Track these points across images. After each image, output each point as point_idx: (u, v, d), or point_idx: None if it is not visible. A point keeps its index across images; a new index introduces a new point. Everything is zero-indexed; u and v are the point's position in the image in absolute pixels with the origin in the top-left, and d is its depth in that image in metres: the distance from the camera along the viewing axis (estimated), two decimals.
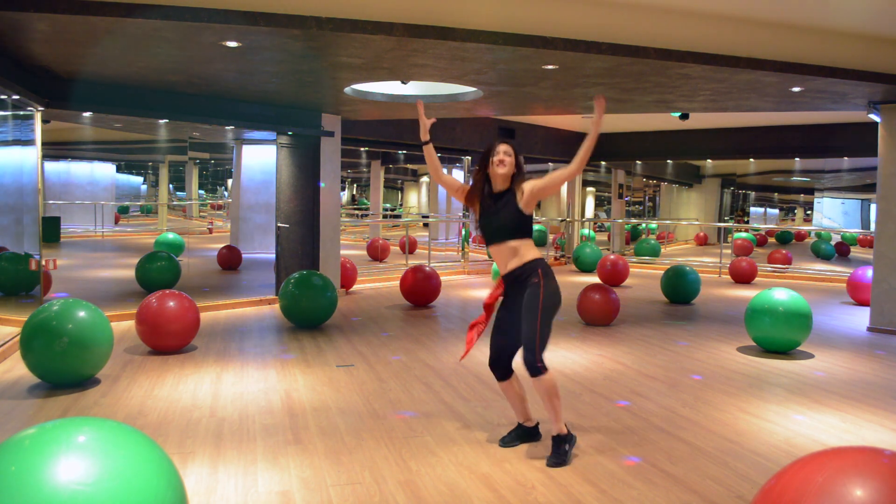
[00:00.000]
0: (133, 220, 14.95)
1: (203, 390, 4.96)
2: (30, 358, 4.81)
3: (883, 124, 7.62)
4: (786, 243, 21.69)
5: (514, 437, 3.98)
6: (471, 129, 12.48)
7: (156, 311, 5.87)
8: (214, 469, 3.55)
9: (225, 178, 17.24)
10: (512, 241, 3.76)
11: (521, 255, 3.76)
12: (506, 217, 3.76)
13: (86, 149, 11.82)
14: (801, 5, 5.48)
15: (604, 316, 7.63)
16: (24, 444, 1.89)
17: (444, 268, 12.45)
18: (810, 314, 6.27)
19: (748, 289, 11.15)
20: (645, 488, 3.39)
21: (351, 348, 6.38)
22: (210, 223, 16.33)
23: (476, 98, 7.82)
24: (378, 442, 3.97)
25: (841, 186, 19.48)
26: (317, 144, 9.20)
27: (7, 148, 7.46)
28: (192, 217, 15.73)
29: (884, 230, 7.64)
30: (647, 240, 16.39)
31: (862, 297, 9.39)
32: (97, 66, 6.35)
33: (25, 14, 4.51)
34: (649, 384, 5.32)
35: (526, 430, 4.00)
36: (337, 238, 9.66)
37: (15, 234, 7.67)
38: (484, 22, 5.16)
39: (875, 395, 5.12)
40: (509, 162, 3.77)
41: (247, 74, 6.65)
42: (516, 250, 3.76)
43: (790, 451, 3.93)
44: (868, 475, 1.74)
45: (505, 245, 3.77)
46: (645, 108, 8.65)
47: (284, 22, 4.80)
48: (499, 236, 3.78)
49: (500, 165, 3.76)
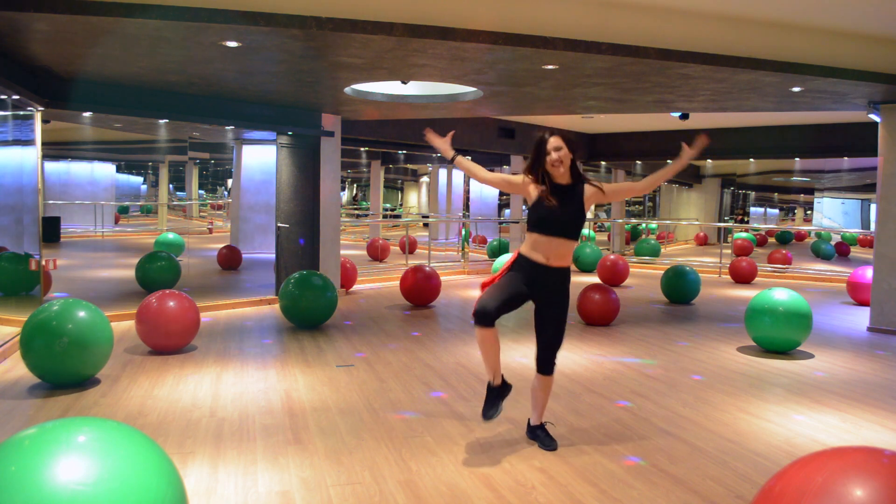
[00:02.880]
0: (133, 220, 14.95)
1: (203, 390, 4.96)
2: (30, 358, 4.81)
3: (883, 124, 7.62)
4: (786, 243, 21.68)
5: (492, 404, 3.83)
6: (471, 129, 12.47)
7: (156, 311, 5.87)
8: (214, 469, 3.55)
9: (225, 178, 17.24)
10: (571, 240, 3.74)
11: (567, 257, 3.78)
12: (572, 214, 3.71)
13: (86, 149, 11.82)
14: (801, 5, 5.47)
15: (604, 316, 7.63)
16: (24, 444, 1.89)
17: (444, 268, 12.45)
18: (810, 314, 6.27)
19: (748, 289, 11.15)
20: (645, 488, 3.39)
21: (351, 348, 6.38)
22: (210, 223, 16.33)
23: (476, 98, 7.82)
24: (378, 442, 3.97)
25: (841, 186, 19.47)
26: (317, 144, 9.20)
27: (7, 148, 7.45)
28: (192, 217, 15.74)
29: (884, 230, 7.64)
30: (647, 240, 16.39)
31: (862, 297, 9.38)
32: (97, 66, 6.35)
33: (25, 14, 4.50)
34: (649, 384, 5.32)
35: (499, 390, 3.85)
36: (337, 238, 9.66)
37: (15, 234, 7.66)
38: (484, 22, 5.16)
39: (875, 395, 5.12)
40: (564, 156, 3.69)
41: (247, 74, 6.65)
42: (568, 250, 3.76)
43: (790, 451, 3.93)
44: (868, 475, 1.74)
45: (558, 240, 3.71)
46: (645, 108, 8.65)
47: (284, 22, 4.80)
48: (560, 231, 3.71)
49: (556, 165, 3.69)
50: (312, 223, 9.26)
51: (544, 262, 3.74)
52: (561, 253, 3.75)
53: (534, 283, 3.77)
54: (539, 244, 3.75)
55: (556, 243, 3.72)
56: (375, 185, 17.60)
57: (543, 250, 3.74)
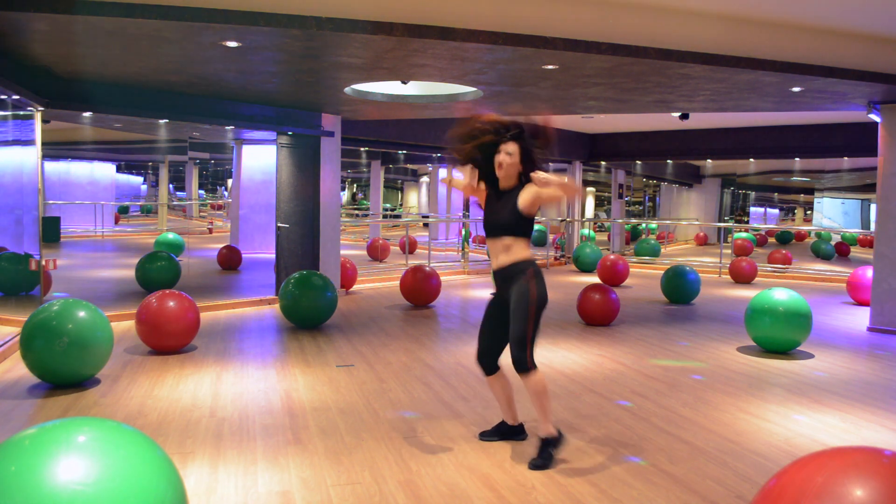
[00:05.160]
0: (133, 220, 14.96)
1: (203, 390, 4.96)
2: (30, 358, 4.81)
3: (883, 124, 7.62)
4: (786, 243, 21.68)
5: (494, 433, 4.01)
6: None
7: (156, 311, 5.87)
8: (214, 469, 3.55)
9: (225, 178, 17.25)
10: (506, 237, 3.75)
11: (514, 254, 3.75)
12: (507, 214, 3.75)
13: (86, 149, 11.83)
14: (801, 5, 5.47)
15: (604, 316, 7.63)
16: (24, 444, 1.89)
17: (444, 268, 12.45)
18: (810, 314, 6.27)
19: (748, 289, 11.15)
20: (645, 488, 3.39)
21: (351, 348, 6.38)
22: (210, 223, 16.34)
23: (476, 98, 7.82)
24: (378, 442, 3.97)
25: (841, 186, 19.47)
26: (317, 144, 9.20)
27: (7, 148, 7.45)
28: (192, 217, 15.75)
29: (884, 230, 7.64)
30: (647, 240, 16.39)
31: (862, 297, 9.38)
32: (97, 66, 6.35)
33: (25, 14, 4.50)
34: (649, 384, 5.32)
35: (508, 428, 4.01)
36: (337, 238, 9.66)
37: (15, 234, 7.67)
38: (484, 22, 5.16)
39: (875, 395, 5.12)
40: (507, 163, 3.73)
41: (247, 74, 6.65)
42: (513, 248, 3.75)
43: (790, 451, 3.93)
44: (868, 475, 1.74)
45: (503, 240, 3.76)
46: (645, 108, 8.65)
47: (284, 22, 4.80)
48: (495, 231, 3.78)
49: (498, 168, 3.76)
50: (312, 223, 9.27)
51: (496, 265, 3.79)
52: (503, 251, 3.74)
53: (500, 289, 3.81)
54: (491, 248, 3.82)
55: (497, 244, 3.76)
56: (375, 185, 17.60)
57: (494, 252, 3.81)
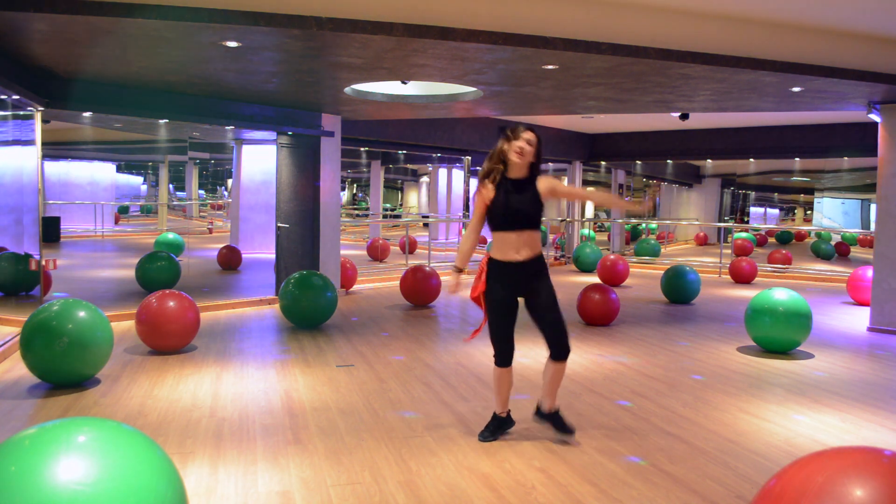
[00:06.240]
0: (133, 220, 14.96)
1: (203, 390, 4.96)
2: (30, 358, 4.81)
3: (883, 124, 7.62)
4: (786, 243, 21.68)
5: (493, 431, 4.04)
6: (471, 129, 12.47)
7: (156, 311, 5.87)
8: (214, 469, 3.55)
9: (225, 178, 17.25)
10: (534, 230, 3.78)
11: (535, 246, 3.82)
12: (530, 205, 3.76)
13: (86, 149, 11.83)
14: (801, 5, 5.47)
15: (604, 316, 7.63)
16: (24, 444, 1.89)
17: (444, 268, 12.43)
18: (810, 314, 6.27)
19: (748, 289, 11.15)
20: (645, 488, 3.39)
21: (351, 348, 6.38)
22: (210, 223, 16.34)
23: (476, 98, 7.81)
24: (378, 442, 3.97)
25: (841, 186, 19.47)
26: (317, 144, 9.20)
27: (7, 148, 7.46)
28: (192, 217, 15.74)
29: (884, 230, 7.64)
30: (647, 240, 16.39)
31: (862, 297, 9.38)
32: (97, 66, 6.35)
33: (25, 14, 4.50)
34: (649, 384, 5.32)
35: (501, 420, 4.07)
36: (337, 238, 9.66)
37: (15, 234, 7.67)
38: (484, 22, 5.16)
39: (875, 395, 5.12)
40: (529, 152, 3.77)
41: (247, 74, 6.65)
42: (535, 240, 3.79)
43: (790, 451, 3.93)
44: (868, 475, 1.74)
45: (526, 233, 3.77)
46: (645, 108, 8.65)
47: (284, 22, 4.80)
48: (522, 223, 3.77)
49: (519, 154, 3.77)
50: (312, 223, 9.26)
51: (519, 258, 3.79)
52: (529, 242, 3.80)
53: (516, 283, 3.82)
54: (508, 241, 3.80)
55: (523, 235, 3.78)
56: (375, 185, 17.60)
57: (512, 246, 3.79)
